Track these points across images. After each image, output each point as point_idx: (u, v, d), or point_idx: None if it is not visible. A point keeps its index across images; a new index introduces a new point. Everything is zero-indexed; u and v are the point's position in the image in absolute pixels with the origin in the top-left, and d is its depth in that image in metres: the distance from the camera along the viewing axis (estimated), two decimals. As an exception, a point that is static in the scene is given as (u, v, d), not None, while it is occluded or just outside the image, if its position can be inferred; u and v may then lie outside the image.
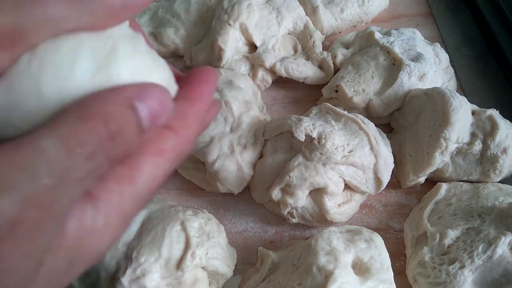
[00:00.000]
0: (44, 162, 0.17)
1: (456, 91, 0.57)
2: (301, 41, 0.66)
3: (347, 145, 0.48)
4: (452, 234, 0.45)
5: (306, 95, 0.65)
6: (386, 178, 0.51)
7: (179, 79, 0.26)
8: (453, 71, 0.65)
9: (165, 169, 0.23)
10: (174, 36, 0.67)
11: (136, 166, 0.21)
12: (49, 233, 0.18)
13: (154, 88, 0.21)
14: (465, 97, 0.54)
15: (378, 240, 0.45)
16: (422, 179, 0.54)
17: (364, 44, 0.63)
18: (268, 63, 0.61)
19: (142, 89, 0.21)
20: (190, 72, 0.26)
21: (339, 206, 0.50)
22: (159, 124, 0.21)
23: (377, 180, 0.51)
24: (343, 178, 0.49)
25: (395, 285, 0.42)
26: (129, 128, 0.20)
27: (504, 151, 0.51)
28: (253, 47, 0.64)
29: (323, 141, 0.47)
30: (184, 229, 0.44)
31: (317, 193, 0.49)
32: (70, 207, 0.18)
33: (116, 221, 0.20)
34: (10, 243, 0.16)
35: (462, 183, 0.53)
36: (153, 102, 0.21)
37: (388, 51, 0.59)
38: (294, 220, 0.51)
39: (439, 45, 0.64)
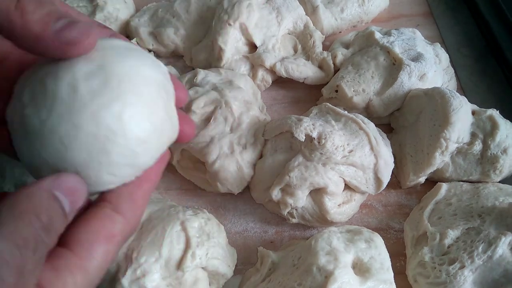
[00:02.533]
0: (5, 264, 0.19)
1: (456, 91, 0.57)
2: (301, 41, 0.66)
3: (347, 145, 0.48)
4: (452, 234, 0.45)
5: (306, 95, 0.65)
6: (386, 178, 0.51)
7: None
8: (453, 71, 0.65)
9: (114, 252, 0.25)
10: (174, 36, 0.67)
11: (87, 255, 0.23)
12: None
13: (67, 177, 0.24)
14: (465, 97, 0.54)
15: (378, 240, 0.45)
16: (422, 179, 0.54)
17: (364, 44, 0.63)
18: (268, 63, 0.61)
19: (58, 180, 0.23)
20: None
21: (339, 206, 0.50)
22: (78, 207, 0.24)
23: (377, 180, 0.51)
24: (343, 178, 0.49)
25: (395, 285, 0.42)
26: (57, 216, 0.22)
27: (504, 151, 0.51)
28: (253, 47, 0.64)
29: (323, 141, 0.47)
30: (184, 229, 0.44)
31: (317, 193, 0.49)
32: None
33: None
34: None
35: (462, 183, 0.53)
36: (69, 190, 0.23)
37: (388, 51, 0.59)
38: (294, 220, 0.51)
39: (439, 45, 0.64)
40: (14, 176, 0.48)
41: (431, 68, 0.58)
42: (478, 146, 0.51)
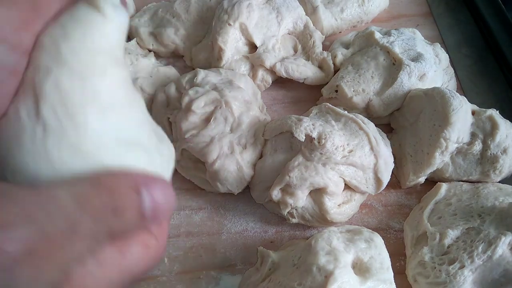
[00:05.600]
0: (58, 207, 0.19)
1: (456, 91, 0.57)
2: (301, 41, 0.66)
3: (347, 145, 0.48)
4: (452, 234, 0.45)
5: (306, 95, 0.65)
6: (386, 178, 0.51)
7: None
8: (453, 71, 0.65)
9: (146, 263, 0.24)
10: (174, 36, 0.67)
11: (127, 245, 0.23)
12: (56, 272, 0.19)
13: (161, 182, 0.23)
14: (465, 97, 0.54)
15: (378, 240, 0.45)
16: (422, 179, 0.54)
17: (364, 44, 0.63)
18: (268, 63, 0.61)
19: (151, 179, 0.23)
20: None
21: (339, 206, 0.50)
22: (160, 217, 0.23)
23: (377, 180, 0.51)
24: (343, 178, 0.49)
25: (395, 285, 0.42)
26: (130, 208, 0.21)
27: (504, 151, 0.51)
28: (253, 47, 0.64)
29: (323, 141, 0.47)
30: None
31: (317, 193, 0.49)
32: (75, 258, 0.20)
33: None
34: (28, 268, 0.18)
35: (462, 183, 0.53)
36: (157, 194, 0.22)
37: (388, 51, 0.59)
38: (294, 220, 0.51)
39: (439, 45, 0.64)
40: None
41: (431, 68, 0.58)
42: (478, 146, 0.51)
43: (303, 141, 0.48)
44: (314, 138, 0.47)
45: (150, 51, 0.69)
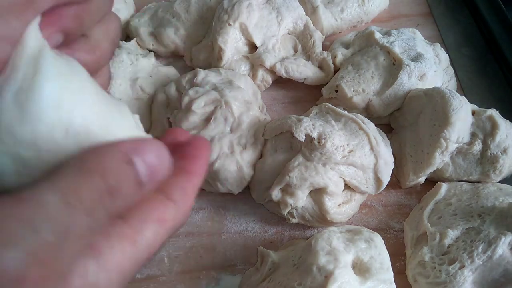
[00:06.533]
0: (46, 218, 0.17)
1: (456, 91, 0.57)
2: (301, 41, 0.66)
3: (347, 145, 0.48)
4: (452, 234, 0.45)
5: (306, 95, 0.65)
6: (386, 178, 0.51)
7: (176, 146, 0.25)
8: (453, 71, 0.65)
9: (163, 238, 0.23)
10: (174, 36, 0.67)
11: (139, 229, 0.21)
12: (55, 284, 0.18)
13: (151, 143, 0.21)
14: (465, 97, 0.54)
15: (378, 240, 0.45)
16: (422, 179, 0.54)
17: (364, 44, 0.63)
18: (268, 63, 0.61)
19: (139, 144, 0.21)
20: (187, 142, 0.26)
21: (339, 206, 0.50)
22: (158, 179, 0.22)
23: (377, 180, 0.51)
24: (343, 178, 0.49)
25: (395, 285, 0.42)
26: (127, 183, 0.20)
27: (504, 151, 0.51)
28: (253, 47, 0.64)
29: (323, 141, 0.47)
30: None
31: (317, 193, 0.49)
32: (73, 263, 0.18)
33: (116, 279, 0.20)
34: None
35: (462, 183, 0.53)
36: (150, 157, 0.21)
37: (388, 51, 0.59)
38: (294, 220, 0.51)
39: (439, 45, 0.64)
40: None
41: (431, 68, 0.58)
42: (478, 146, 0.51)
43: (303, 141, 0.48)
44: (314, 138, 0.47)
45: (150, 51, 0.69)
